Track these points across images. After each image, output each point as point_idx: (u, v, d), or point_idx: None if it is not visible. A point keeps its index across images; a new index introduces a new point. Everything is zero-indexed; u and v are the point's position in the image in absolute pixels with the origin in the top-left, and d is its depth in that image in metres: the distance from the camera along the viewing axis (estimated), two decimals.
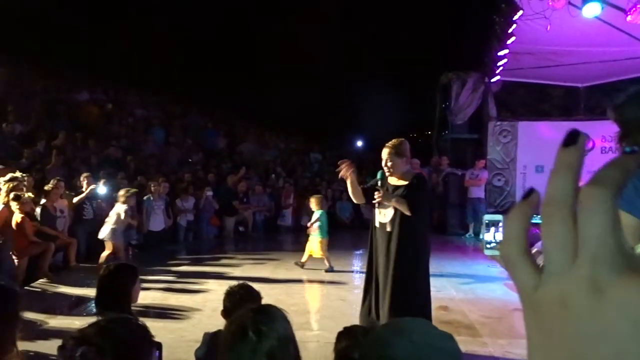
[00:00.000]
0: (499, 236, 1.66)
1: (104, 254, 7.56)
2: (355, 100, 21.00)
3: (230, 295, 2.86)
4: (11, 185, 7.00)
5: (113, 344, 1.55)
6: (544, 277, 0.37)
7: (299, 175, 15.97)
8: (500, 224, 1.65)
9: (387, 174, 4.22)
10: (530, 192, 0.41)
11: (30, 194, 7.37)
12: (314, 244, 7.98)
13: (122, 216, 7.64)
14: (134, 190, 8.06)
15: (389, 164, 4.17)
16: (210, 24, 19.81)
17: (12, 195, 6.95)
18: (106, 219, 7.74)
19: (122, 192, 7.80)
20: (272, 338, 1.56)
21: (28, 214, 7.25)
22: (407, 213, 4.01)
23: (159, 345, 1.73)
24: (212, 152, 15.43)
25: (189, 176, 12.33)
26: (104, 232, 7.63)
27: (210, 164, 14.11)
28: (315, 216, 8.03)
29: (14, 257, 7.00)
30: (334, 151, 19.79)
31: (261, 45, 19.52)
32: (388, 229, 4.15)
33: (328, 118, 20.86)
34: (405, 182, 4.14)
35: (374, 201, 4.21)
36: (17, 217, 7.03)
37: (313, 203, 8.09)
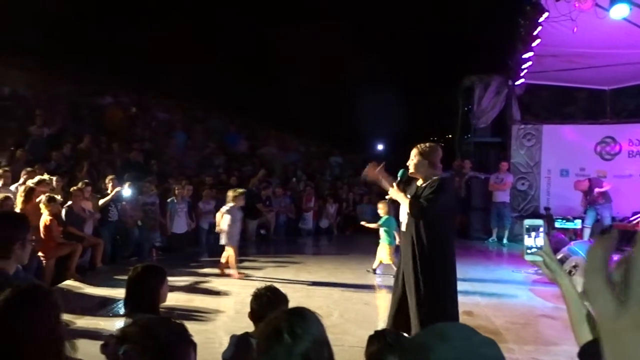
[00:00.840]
0: (540, 241, 1.64)
1: (228, 259, 7.66)
2: (376, 104, 20.90)
3: (257, 297, 2.85)
4: (40, 188, 7.14)
5: (154, 343, 1.58)
6: (625, 307, 0.38)
7: (320, 178, 15.99)
8: (541, 229, 1.64)
9: (410, 172, 4.22)
10: (609, 228, 0.44)
11: (59, 197, 7.51)
12: (383, 250, 7.95)
13: (234, 217, 7.62)
14: (241, 190, 8.02)
15: (412, 161, 4.19)
16: (233, 27, 19.96)
17: (44, 197, 7.09)
18: (221, 225, 7.68)
19: (230, 193, 7.75)
20: (306, 340, 1.57)
21: (56, 216, 7.38)
22: (407, 210, 4.01)
23: (194, 346, 1.76)
24: (233, 155, 15.54)
25: (210, 179, 12.41)
26: (222, 238, 7.66)
27: (232, 167, 14.20)
28: (381, 221, 7.99)
29: (42, 258, 7.14)
30: (354, 155, 19.79)
31: (282, 48, 19.56)
32: (407, 232, 4.14)
33: (348, 121, 20.80)
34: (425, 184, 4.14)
35: (387, 196, 4.25)
36: (45, 219, 7.17)
37: (381, 208, 8.07)
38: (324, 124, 20.48)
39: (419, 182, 4.23)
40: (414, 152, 4.22)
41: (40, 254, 7.06)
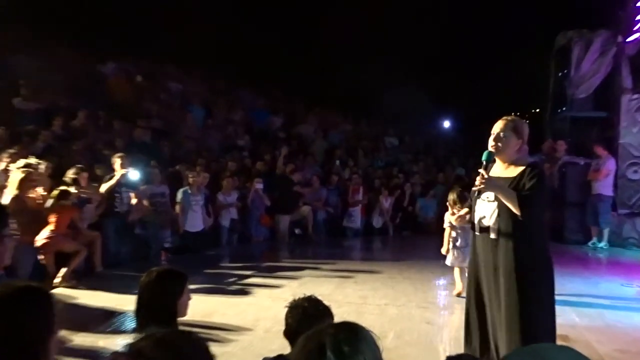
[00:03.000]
0: None
1: None
2: (440, 72, 20.65)
3: (293, 309, 2.88)
4: (24, 172, 7.30)
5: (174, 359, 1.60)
6: None
7: (370, 164, 15.86)
8: None
9: (494, 154, 4.06)
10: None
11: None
12: None
13: None
14: None
15: (502, 138, 4.04)
16: None
17: (57, 192, 7.50)
18: None
19: None
20: None
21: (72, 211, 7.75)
22: (516, 211, 3.86)
23: None
24: (263, 135, 15.55)
25: (233, 164, 12.45)
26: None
27: (260, 150, 14.22)
28: None
29: (41, 253, 7.39)
30: (414, 135, 19.56)
31: (325, 4, 19.53)
32: (492, 235, 4.04)
33: (407, 94, 20.59)
34: (515, 172, 3.99)
35: (474, 188, 4.09)
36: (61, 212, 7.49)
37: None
38: (376, 97, 20.33)
39: (500, 169, 4.08)
40: (500, 127, 4.08)
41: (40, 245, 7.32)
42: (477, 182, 3.99)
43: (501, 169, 4.09)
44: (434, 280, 8.47)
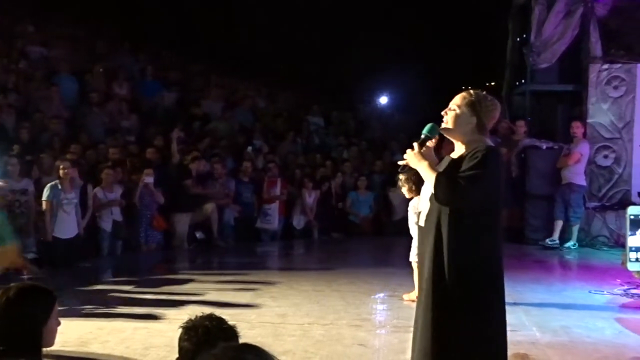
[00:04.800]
0: None
1: None
2: (376, 34, 20.81)
3: (190, 331, 2.85)
4: None
5: None
6: None
7: (290, 150, 15.86)
8: None
9: (442, 128, 4.13)
10: None
11: None
12: None
13: None
14: None
15: (452, 112, 4.08)
16: None
17: None
18: None
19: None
20: None
21: None
22: (439, 198, 3.93)
23: None
24: (153, 114, 15.31)
25: (115, 151, 12.22)
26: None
27: (150, 133, 14.01)
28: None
29: None
30: (343, 112, 19.64)
31: None
32: (429, 227, 4.08)
33: (334, 61, 20.69)
34: (463, 153, 4.06)
35: (399, 162, 4.24)
36: None
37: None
38: (296, 67, 20.33)
39: (456, 152, 4.15)
40: (459, 99, 4.11)
41: None
42: (404, 157, 4.14)
43: (456, 152, 4.13)
44: (370, 292, 8.53)
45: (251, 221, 13.58)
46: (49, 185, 10.16)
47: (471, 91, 4.13)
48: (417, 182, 6.64)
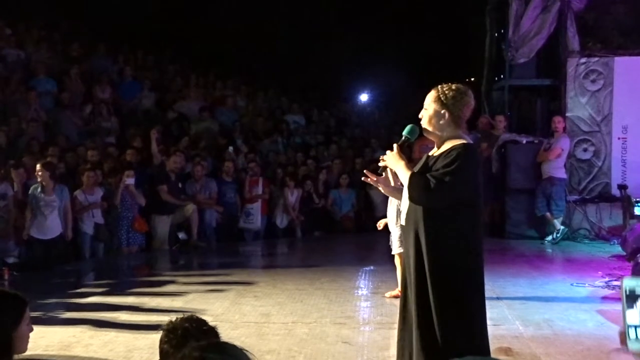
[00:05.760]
0: None
1: None
2: (356, 32, 20.79)
3: (170, 332, 2.85)
4: None
5: None
6: None
7: (271, 149, 15.84)
8: None
9: (418, 129, 4.24)
10: None
11: None
12: None
13: None
14: None
15: (424, 111, 4.15)
16: None
17: None
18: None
19: None
20: None
21: None
22: (412, 197, 4.03)
23: None
24: (132, 115, 15.23)
25: (95, 153, 12.15)
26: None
27: (129, 135, 13.95)
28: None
29: None
30: (324, 110, 19.64)
31: None
32: (409, 227, 4.14)
33: (314, 63, 20.65)
34: (440, 151, 4.13)
35: (380, 163, 4.31)
36: None
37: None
38: (276, 66, 20.26)
39: (435, 149, 4.22)
40: (428, 98, 4.17)
41: None
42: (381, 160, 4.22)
43: (435, 149, 4.20)
44: (353, 289, 8.58)
45: (234, 221, 13.57)
46: (32, 187, 10.19)
47: (438, 87, 4.19)
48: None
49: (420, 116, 4.20)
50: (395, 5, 21.07)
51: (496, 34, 14.13)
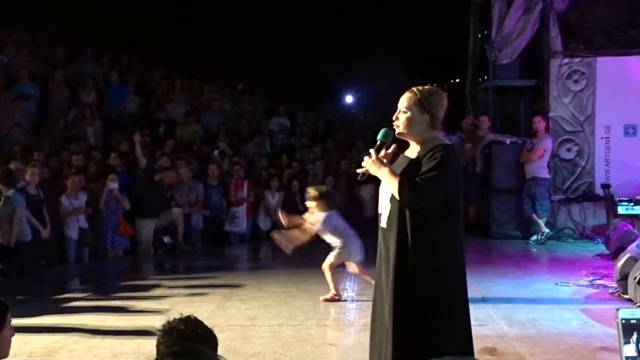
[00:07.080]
0: None
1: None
2: (339, 32, 20.80)
3: (165, 334, 2.83)
4: None
5: None
6: None
7: (255, 152, 15.82)
8: None
9: (397, 133, 4.20)
10: None
11: None
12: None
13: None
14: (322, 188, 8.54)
15: (403, 115, 4.15)
16: None
17: None
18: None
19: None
20: None
21: None
22: (397, 197, 4.03)
23: None
24: (117, 118, 15.17)
25: (79, 158, 12.11)
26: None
27: (114, 139, 13.91)
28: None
29: None
30: (309, 112, 19.64)
31: None
32: (390, 228, 4.14)
33: (298, 65, 20.64)
34: (421, 154, 4.13)
35: (358, 170, 4.30)
36: None
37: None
38: (262, 69, 20.23)
39: (412, 150, 4.22)
40: (405, 101, 4.17)
41: None
42: (362, 166, 4.20)
43: (412, 151, 4.20)
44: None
45: (220, 224, 13.56)
46: (10, 191, 10.03)
47: (414, 89, 4.20)
48: (328, 201, 7.92)
49: (394, 118, 4.20)
50: (380, 7, 21.10)
51: (479, 35, 14.18)
